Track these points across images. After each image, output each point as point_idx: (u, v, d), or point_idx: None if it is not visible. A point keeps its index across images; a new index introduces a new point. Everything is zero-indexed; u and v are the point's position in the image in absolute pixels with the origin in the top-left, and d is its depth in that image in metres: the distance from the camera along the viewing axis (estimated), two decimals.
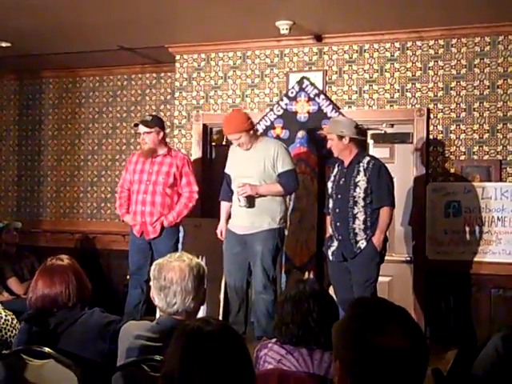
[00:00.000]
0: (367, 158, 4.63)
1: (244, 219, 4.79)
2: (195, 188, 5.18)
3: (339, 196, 4.62)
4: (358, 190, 4.53)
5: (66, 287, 2.73)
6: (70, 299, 2.73)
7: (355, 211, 4.54)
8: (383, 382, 1.45)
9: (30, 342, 2.65)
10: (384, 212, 4.53)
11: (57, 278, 2.74)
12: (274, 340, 2.51)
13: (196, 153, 6.10)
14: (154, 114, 6.06)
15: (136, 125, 5.28)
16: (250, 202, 4.72)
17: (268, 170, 4.77)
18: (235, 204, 4.84)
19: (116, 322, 2.70)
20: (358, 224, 4.54)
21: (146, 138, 5.11)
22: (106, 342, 2.64)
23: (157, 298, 2.50)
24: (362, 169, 4.56)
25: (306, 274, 5.53)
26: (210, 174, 5.99)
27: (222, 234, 5.00)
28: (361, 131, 4.98)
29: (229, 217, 5.01)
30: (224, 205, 5.07)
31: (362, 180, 4.54)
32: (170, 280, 2.44)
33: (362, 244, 4.52)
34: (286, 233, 5.14)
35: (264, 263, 4.74)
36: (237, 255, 4.89)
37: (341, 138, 4.61)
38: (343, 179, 4.63)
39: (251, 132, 4.80)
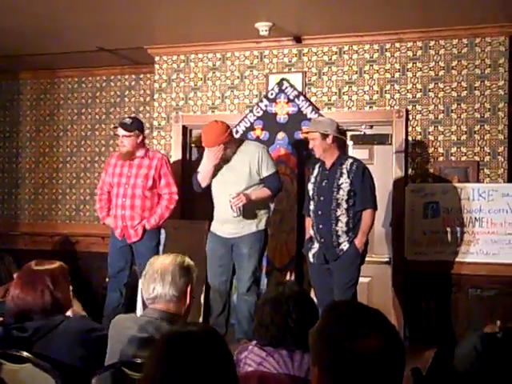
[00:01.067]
0: (350, 160, 4.63)
1: (234, 226, 4.76)
2: (174, 189, 5.15)
3: (321, 198, 4.61)
4: (341, 192, 4.52)
5: (41, 294, 2.67)
6: (47, 306, 2.67)
7: (338, 213, 4.53)
8: None
9: (8, 346, 2.61)
10: (367, 214, 4.54)
11: (32, 284, 2.68)
12: (254, 342, 2.50)
13: (176, 154, 6.08)
14: (133, 116, 5.97)
15: (115, 127, 5.24)
16: (243, 210, 4.69)
17: (253, 175, 4.76)
18: (224, 213, 4.75)
19: (98, 330, 2.69)
20: (341, 226, 4.53)
21: (125, 141, 5.05)
22: (86, 348, 2.62)
23: (141, 285, 2.79)
24: (345, 171, 4.55)
25: (288, 275, 5.53)
26: (190, 176, 5.96)
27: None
28: (342, 132, 4.99)
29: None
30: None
31: (345, 182, 4.53)
32: (153, 269, 2.68)
33: (345, 246, 4.53)
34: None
35: (250, 265, 4.74)
36: (221, 258, 4.86)
37: (324, 137, 4.60)
38: (325, 181, 4.61)
39: (231, 143, 4.74)
